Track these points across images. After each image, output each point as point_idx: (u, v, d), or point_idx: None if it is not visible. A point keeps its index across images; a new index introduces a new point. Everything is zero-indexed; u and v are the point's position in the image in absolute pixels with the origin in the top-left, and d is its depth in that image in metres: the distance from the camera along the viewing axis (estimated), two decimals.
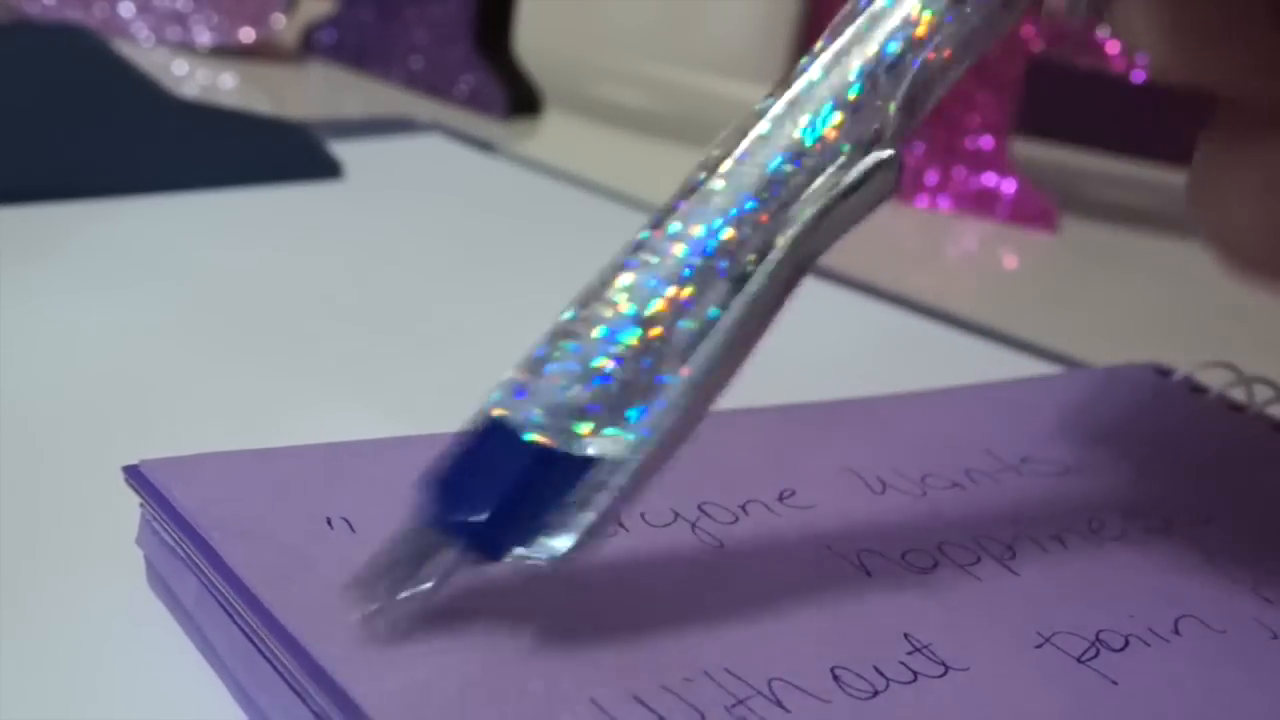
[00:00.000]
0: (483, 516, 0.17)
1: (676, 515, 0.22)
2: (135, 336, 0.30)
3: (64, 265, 0.34)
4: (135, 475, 0.21)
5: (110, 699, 0.19)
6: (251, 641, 0.18)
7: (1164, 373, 0.31)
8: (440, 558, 0.17)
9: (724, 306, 0.17)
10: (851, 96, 0.17)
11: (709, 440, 0.24)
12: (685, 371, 0.17)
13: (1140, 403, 0.30)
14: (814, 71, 0.18)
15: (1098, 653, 0.20)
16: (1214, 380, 0.30)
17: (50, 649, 0.19)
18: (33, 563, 0.21)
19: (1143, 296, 0.49)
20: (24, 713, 0.18)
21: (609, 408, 0.17)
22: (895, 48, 0.18)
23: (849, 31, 0.18)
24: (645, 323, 0.17)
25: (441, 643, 0.18)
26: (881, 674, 0.18)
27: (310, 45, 0.64)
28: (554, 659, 0.18)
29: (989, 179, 0.53)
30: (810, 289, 0.20)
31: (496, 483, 0.17)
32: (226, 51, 0.61)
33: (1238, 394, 0.29)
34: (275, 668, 0.17)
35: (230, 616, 0.18)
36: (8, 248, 0.34)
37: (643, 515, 0.21)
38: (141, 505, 0.21)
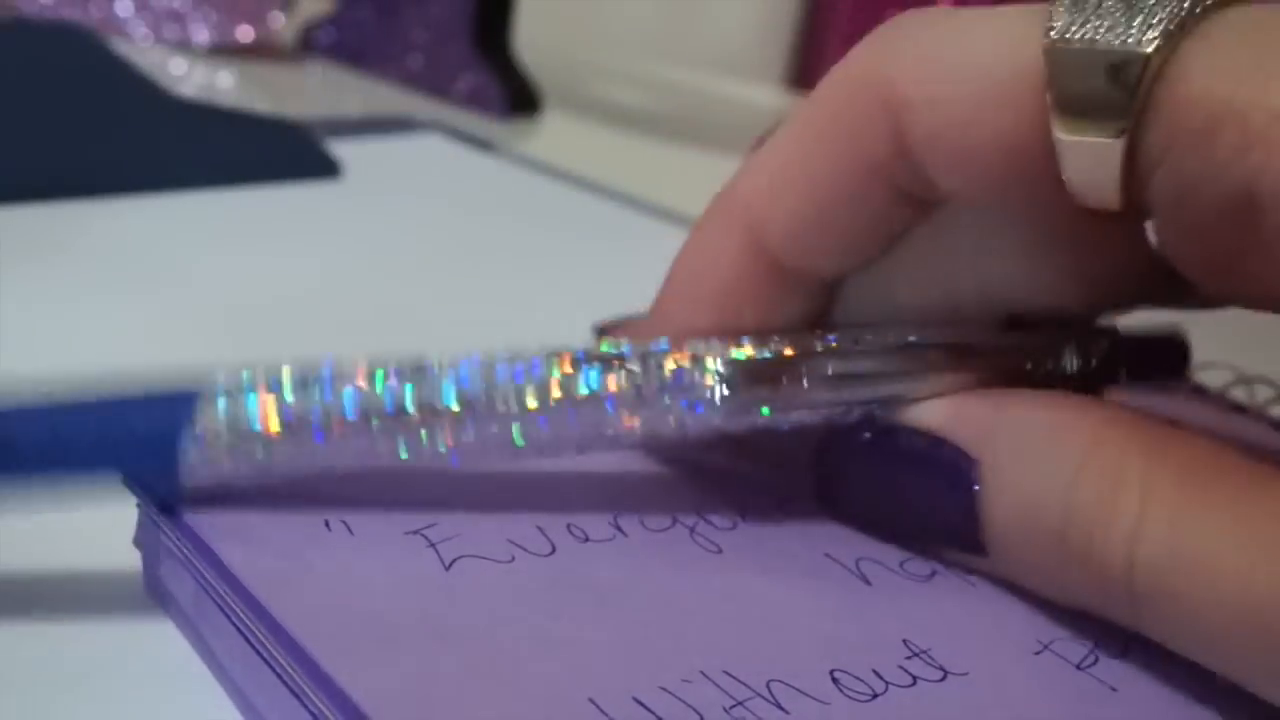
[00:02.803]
0: None
1: (675, 520, 0.21)
2: (131, 336, 0.30)
3: (60, 265, 0.34)
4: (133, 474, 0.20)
5: (106, 701, 0.18)
6: (249, 642, 0.18)
7: None
8: None
9: None
10: None
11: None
12: None
13: (1139, 402, 0.30)
14: None
15: (1097, 659, 0.19)
16: (1214, 380, 0.30)
17: (46, 650, 0.19)
18: (29, 562, 0.21)
19: None
20: (20, 714, 0.18)
21: None
22: None
23: None
24: None
25: (440, 643, 0.18)
26: (880, 677, 0.18)
27: (309, 44, 0.64)
28: (553, 659, 0.18)
29: None
30: None
31: None
32: (224, 50, 0.61)
33: (1239, 393, 0.29)
34: (273, 668, 0.17)
35: (228, 617, 0.18)
36: (5, 247, 0.34)
37: (641, 520, 0.21)
38: (139, 505, 0.21)
